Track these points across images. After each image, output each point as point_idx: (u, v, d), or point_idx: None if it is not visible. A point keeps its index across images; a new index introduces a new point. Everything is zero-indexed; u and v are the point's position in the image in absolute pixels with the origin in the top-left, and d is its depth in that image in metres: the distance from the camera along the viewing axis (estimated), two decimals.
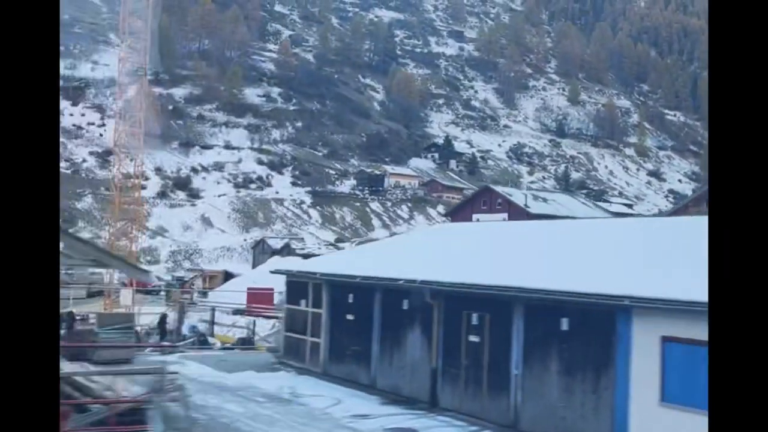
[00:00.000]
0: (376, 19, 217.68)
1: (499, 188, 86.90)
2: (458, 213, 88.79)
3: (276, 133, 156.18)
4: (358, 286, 22.29)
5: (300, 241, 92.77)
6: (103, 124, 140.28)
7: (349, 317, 23.07)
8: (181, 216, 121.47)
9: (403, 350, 20.81)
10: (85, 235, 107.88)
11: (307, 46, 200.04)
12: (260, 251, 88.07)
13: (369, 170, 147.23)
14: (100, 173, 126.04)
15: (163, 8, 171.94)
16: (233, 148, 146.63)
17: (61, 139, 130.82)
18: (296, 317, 25.50)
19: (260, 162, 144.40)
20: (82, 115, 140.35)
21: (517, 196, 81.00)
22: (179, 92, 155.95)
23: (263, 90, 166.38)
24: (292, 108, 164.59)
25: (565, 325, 16.10)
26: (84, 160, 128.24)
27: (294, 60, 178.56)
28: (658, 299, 13.94)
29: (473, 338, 18.54)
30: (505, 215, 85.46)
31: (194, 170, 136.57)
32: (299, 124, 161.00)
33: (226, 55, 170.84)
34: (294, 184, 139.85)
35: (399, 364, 20.90)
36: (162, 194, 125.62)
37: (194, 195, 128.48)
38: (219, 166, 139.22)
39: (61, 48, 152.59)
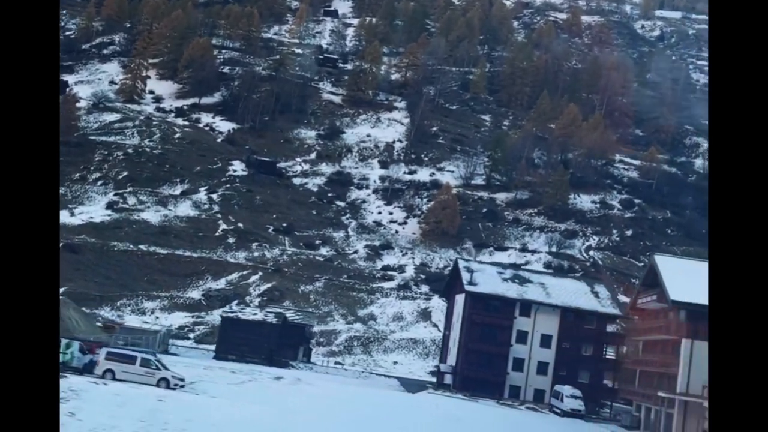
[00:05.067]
0: None
1: None
2: None
3: (594, 240, 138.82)
4: None
5: None
6: (405, 223, 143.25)
7: None
8: (403, 307, 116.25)
9: None
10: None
11: None
12: None
13: None
14: (359, 264, 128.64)
15: (530, 119, 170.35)
16: (529, 251, 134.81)
17: (350, 232, 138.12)
18: None
19: (548, 266, 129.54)
20: (390, 213, 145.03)
21: None
22: (503, 196, 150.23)
23: (600, 197, 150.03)
24: (628, 215, 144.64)
25: None
26: (355, 251, 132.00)
27: (661, 167, 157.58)
28: None
29: None
30: None
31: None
32: (629, 232, 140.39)
33: (587, 164, 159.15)
34: None
35: None
36: (403, 286, 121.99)
37: (437, 291, 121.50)
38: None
39: (413, 155, 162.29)
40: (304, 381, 52.56)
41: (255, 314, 75.42)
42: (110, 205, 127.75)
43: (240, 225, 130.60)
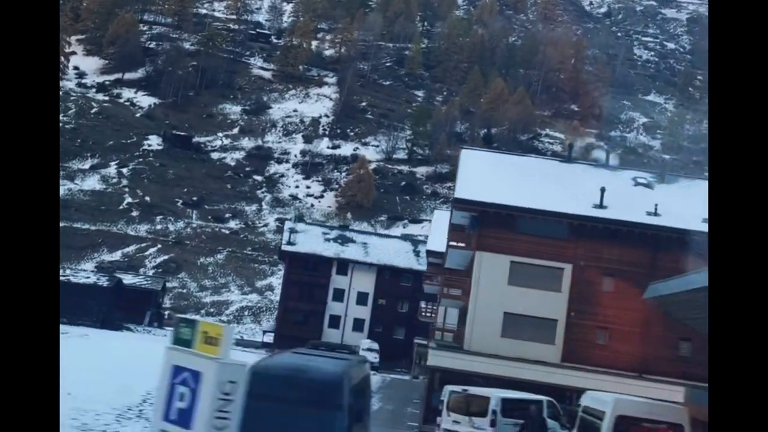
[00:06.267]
0: None
1: None
2: None
3: None
4: None
5: None
6: (322, 197, 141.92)
7: None
8: None
9: None
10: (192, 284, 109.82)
11: (659, 134, 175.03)
12: None
13: None
14: (267, 237, 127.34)
15: (462, 95, 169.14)
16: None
17: (263, 205, 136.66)
18: None
19: None
20: (308, 187, 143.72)
21: None
22: (423, 170, 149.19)
23: None
24: None
25: None
26: (265, 225, 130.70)
27: (585, 141, 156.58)
28: None
29: None
30: None
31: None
32: None
33: (510, 138, 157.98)
34: None
35: None
36: None
37: None
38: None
39: (339, 130, 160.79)
40: (91, 337, 51.48)
41: (87, 277, 73.92)
42: None
43: (147, 198, 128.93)
